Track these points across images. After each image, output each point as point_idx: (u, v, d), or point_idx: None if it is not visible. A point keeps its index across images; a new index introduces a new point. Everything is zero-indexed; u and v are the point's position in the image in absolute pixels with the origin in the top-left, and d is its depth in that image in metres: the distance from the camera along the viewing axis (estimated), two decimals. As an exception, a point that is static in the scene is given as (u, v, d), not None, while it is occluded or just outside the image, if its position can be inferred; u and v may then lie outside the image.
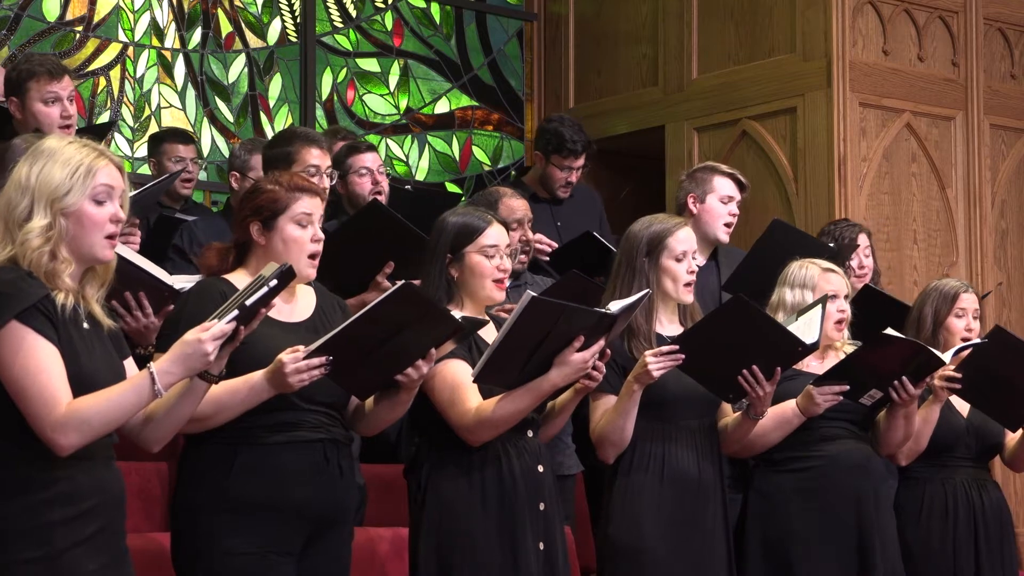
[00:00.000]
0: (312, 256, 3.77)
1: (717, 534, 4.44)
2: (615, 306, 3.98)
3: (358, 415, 3.84)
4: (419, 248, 4.56)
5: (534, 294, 3.78)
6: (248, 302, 3.16)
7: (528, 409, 3.99)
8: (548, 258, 6.05)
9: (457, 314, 3.81)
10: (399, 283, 3.60)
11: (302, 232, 3.75)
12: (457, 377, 3.96)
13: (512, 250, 4.21)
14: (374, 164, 5.98)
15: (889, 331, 4.77)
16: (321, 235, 3.80)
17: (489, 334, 4.11)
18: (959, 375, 4.90)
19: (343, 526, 3.77)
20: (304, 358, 3.47)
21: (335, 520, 3.73)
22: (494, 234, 4.15)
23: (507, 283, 4.19)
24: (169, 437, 3.36)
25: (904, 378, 4.71)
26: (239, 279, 3.72)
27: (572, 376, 3.95)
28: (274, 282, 3.20)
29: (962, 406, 5.16)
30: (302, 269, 3.74)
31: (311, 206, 3.78)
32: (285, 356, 3.47)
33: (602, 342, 3.94)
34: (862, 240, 6.17)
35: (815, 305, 4.60)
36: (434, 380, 3.97)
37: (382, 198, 5.90)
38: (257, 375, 3.52)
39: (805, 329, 4.44)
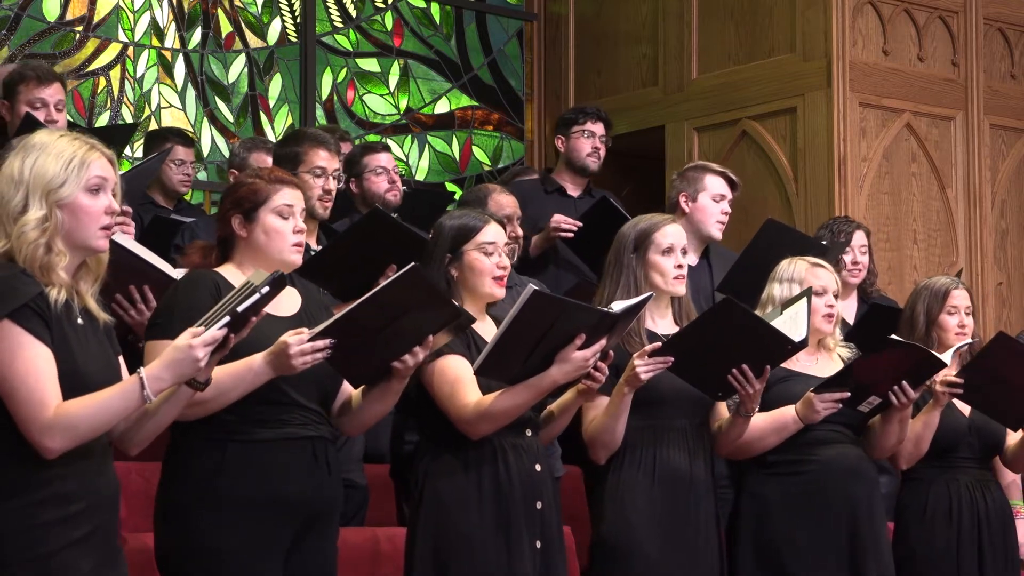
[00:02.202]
0: (296, 245, 3.77)
1: (709, 533, 4.44)
2: (617, 306, 3.99)
3: (344, 412, 3.83)
4: (421, 251, 4.57)
5: (536, 287, 3.78)
6: (239, 308, 3.15)
7: (528, 405, 3.99)
8: (571, 235, 6.04)
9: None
10: (408, 266, 3.60)
11: (283, 223, 3.74)
12: (457, 371, 3.97)
13: (511, 249, 4.21)
14: (389, 164, 6.06)
15: (894, 336, 4.78)
16: (303, 226, 3.79)
17: (489, 333, 4.12)
18: (960, 380, 4.89)
19: (330, 523, 3.76)
20: (308, 340, 3.47)
21: (323, 517, 3.72)
22: (491, 232, 4.15)
23: (506, 281, 4.19)
24: (148, 441, 3.33)
25: (904, 382, 4.71)
26: (228, 272, 3.72)
27: (572, 374, 3.95)
28: (266, 289, 3.18)
29: (964, 405, 5.15)
30: (287, 257, 3.73)
31: (292, 198, 3.76)
32: (290, 338, 3.46)
33: (604, 341, 3.94)
34: (858, 238, 6.17)
35: (799, 299, 4.60)
36: (434, 375, 3.97)
37: (397, 197, 5.94)
38: (257, 357, 3.51)
39: (791, 325, 4.44)
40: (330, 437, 3.76)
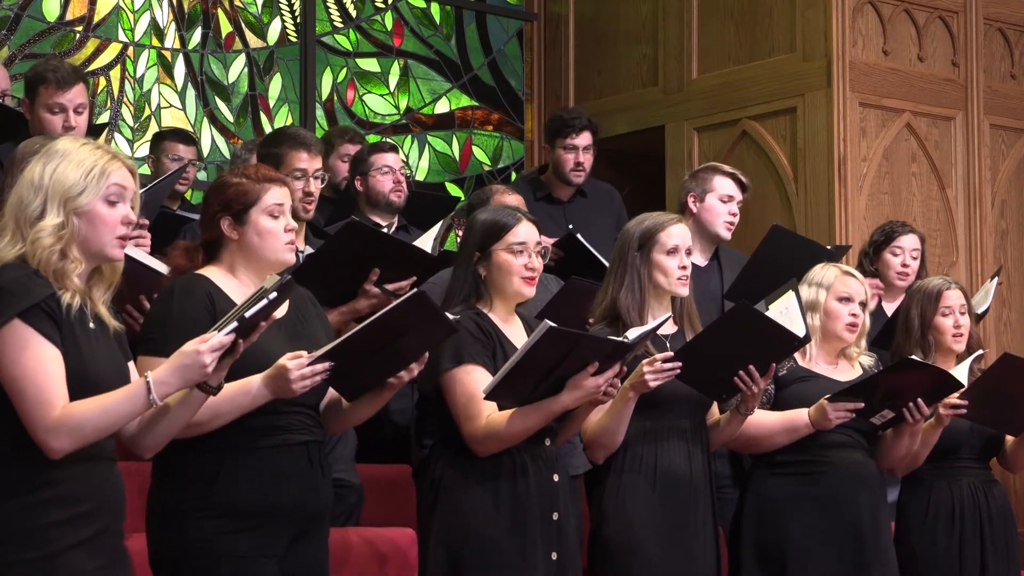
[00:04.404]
0: (288, 244, 3.74)
1: (707, 534, 4.44)
2: (633, 334, 3.98)
3: (332, 413, 3.81)
4: (402, 255, 4.57)
5: (551, 324, 3.77)
6: (248, 314, 3.15)
7: (537, 427, 3.99)
8: (553, 263, 6.05)
9: (452, 316, 3.82)
10: (413, 291, 3.60)
11: (275, 223, 3.71)
12: (475, 386, 3.96)
13: (543, 249, 4.20)
14: (396, 164, 6.08)
15: (914, 357, 4.79)
16: (294, 224, 3.77)
17: (516, 335, 4.11)
18: (964, 402, 4.89)
19: (322, 527, 3.75)
20: (308, 364, 3.46)
21: (316, 521, 3.71)
22: (523, 231, 4.13)
23: (536, 281, 4.17)
24: (163, 445, 3.34)
25: (919, 400, 4.71)
26: (217, 276, 3.69)
27: (583, 399, 3.97)
28: (274, 294, 3.18)
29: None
30: (281, 257, 3.72)
31: (282, 196, 3.74)
32: (289, 362, 3.44)
33: (616, 367, 3.95)
34: (910, 241, 6.14)
35: (784, 293, 4.60)
36: (454, 383, 3.98)
37: (400, 198, 5.93)
38: (255, 380, 3.49)
39: (784, 319, 4.46)
40: (322, 439, 3.76)
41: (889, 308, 5.90)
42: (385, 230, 5.77)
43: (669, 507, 4.36)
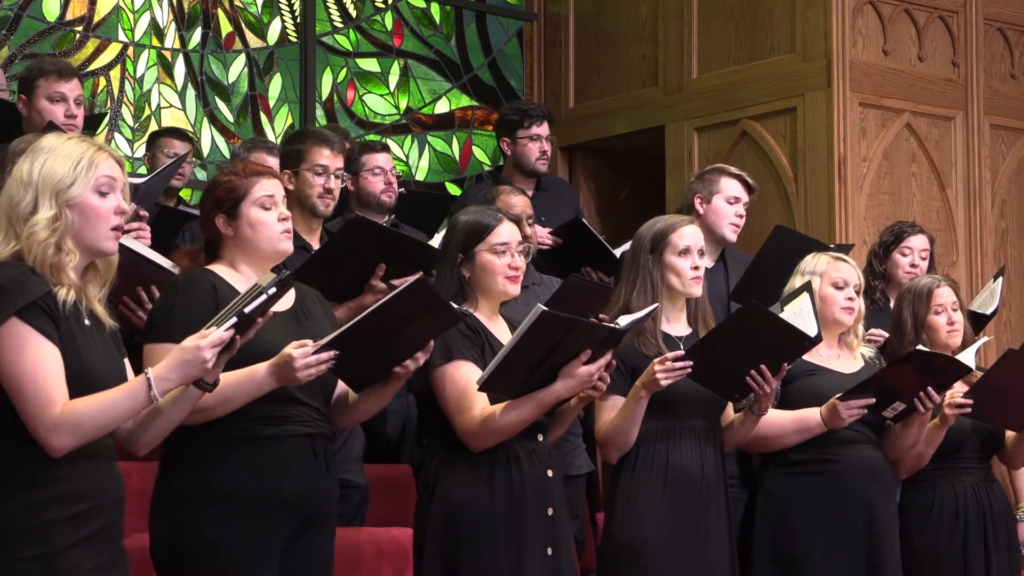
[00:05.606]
0: (284, 232, 3.76)
1: (720, 534, 4.44)
2: (624, 320, 3.99)
3: (340, 407, 3.83)
4: (408, 250, 4.58)
5: (544, 307, 3.78)
6: (246, 310, 3.17)
7: (531, 419, 4.00)
8: (548, 246, 6.05)
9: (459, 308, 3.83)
10: (414, 277, 3.61)
11: (267, 214, 3.74)
12: (467, 379, 3.97)
13: (525, 248, 4.21)
14: (387, 164, 6.08)
15: (921, 347, 4.80)
16: (287, 213, 3.79)
17: (503, 334, 4.11)
18: (969, 401, 4.90)
19: (327, 523, 3.77)
20: (313, 352, 3.47)
21: (320, 516, 3.72)
22: (504, 232, 4.15)
23: (520, 280, 4.18)
24: (157, 442, 3.36)
25: (929, 388, 4.72)
26: (222, 271, 3.73)
27: (577, 388, 3.97)
28: (272, 290, 3.20)
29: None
30: (277, 247, 3.75)
31: (271, 187, 3.77)
32: (294, 351, 3.47)
33: (609, 356, 3.96)
34: (919, 241, 6.15)
35: (799, 294, 4.61)
36: (444, 380, 3.99)
37: (392, 198, 5.96)
38: (261, 368, 3.52)
39: (798, 321, 4.47)
40: (329, 435, 3.77)
41: None
42: None
43: (680, 506, 4.37)
